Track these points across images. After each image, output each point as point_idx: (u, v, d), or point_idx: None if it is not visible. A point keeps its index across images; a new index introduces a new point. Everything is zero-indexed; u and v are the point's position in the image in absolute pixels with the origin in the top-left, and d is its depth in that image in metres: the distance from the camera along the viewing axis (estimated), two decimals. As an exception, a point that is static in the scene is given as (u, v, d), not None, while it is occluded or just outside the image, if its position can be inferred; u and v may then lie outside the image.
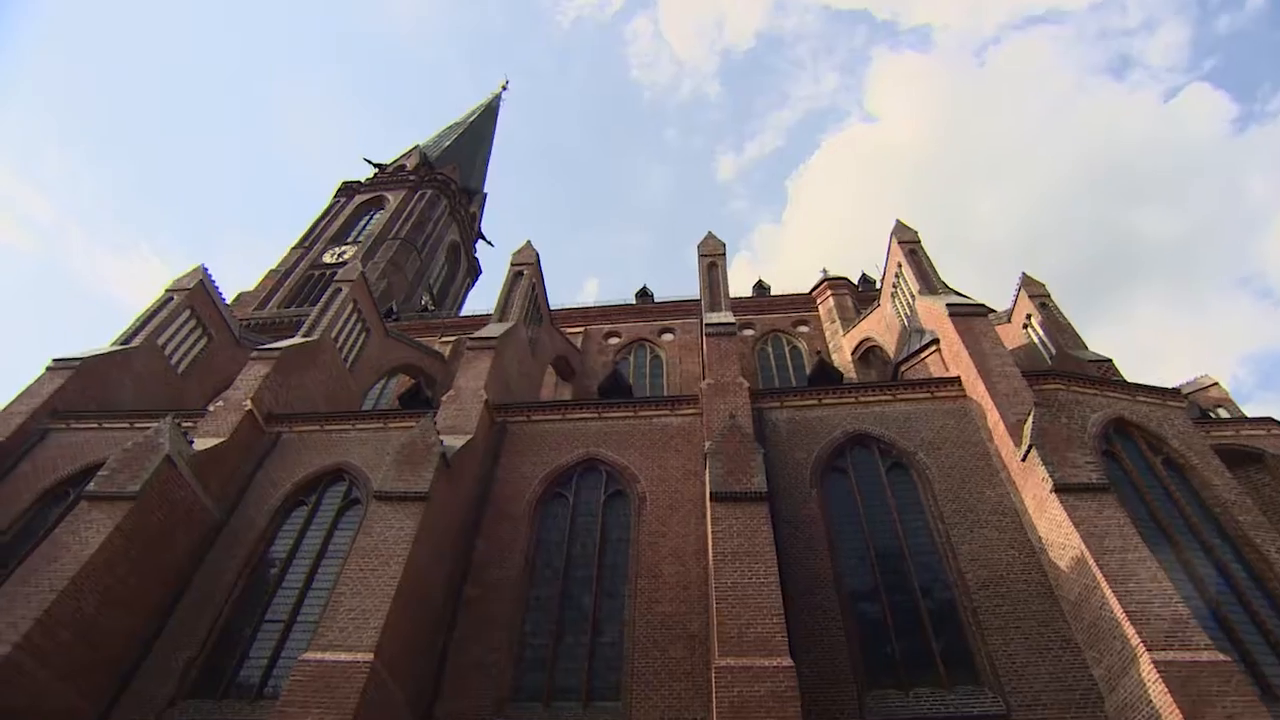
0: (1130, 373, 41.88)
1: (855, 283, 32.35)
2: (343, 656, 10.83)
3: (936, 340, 18.99)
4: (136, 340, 21.68)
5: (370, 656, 10.80)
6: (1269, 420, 19.24)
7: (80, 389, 19.55)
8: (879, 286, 27.25)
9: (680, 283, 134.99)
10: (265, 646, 13.47)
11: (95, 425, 18.84)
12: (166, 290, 23.94)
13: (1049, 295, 24.32)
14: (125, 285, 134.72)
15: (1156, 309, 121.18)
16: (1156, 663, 9.88)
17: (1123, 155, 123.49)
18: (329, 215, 48.05)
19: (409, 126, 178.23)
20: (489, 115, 71.08)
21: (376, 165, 55.49)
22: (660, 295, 34.08)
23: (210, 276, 25.13)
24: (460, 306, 54.12)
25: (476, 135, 66.22)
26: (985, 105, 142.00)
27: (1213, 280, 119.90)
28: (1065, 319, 23.53)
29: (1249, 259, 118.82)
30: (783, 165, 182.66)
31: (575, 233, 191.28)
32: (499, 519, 15.50)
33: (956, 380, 17.03)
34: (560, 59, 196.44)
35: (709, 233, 23.88)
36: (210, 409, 18.05)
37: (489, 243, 62.32)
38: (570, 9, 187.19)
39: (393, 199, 49.55)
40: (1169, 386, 16.86)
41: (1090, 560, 11.47)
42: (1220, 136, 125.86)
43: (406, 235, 45.37)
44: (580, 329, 32.07)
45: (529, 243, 25.14)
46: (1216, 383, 24.36)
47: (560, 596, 13.88)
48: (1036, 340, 23.37)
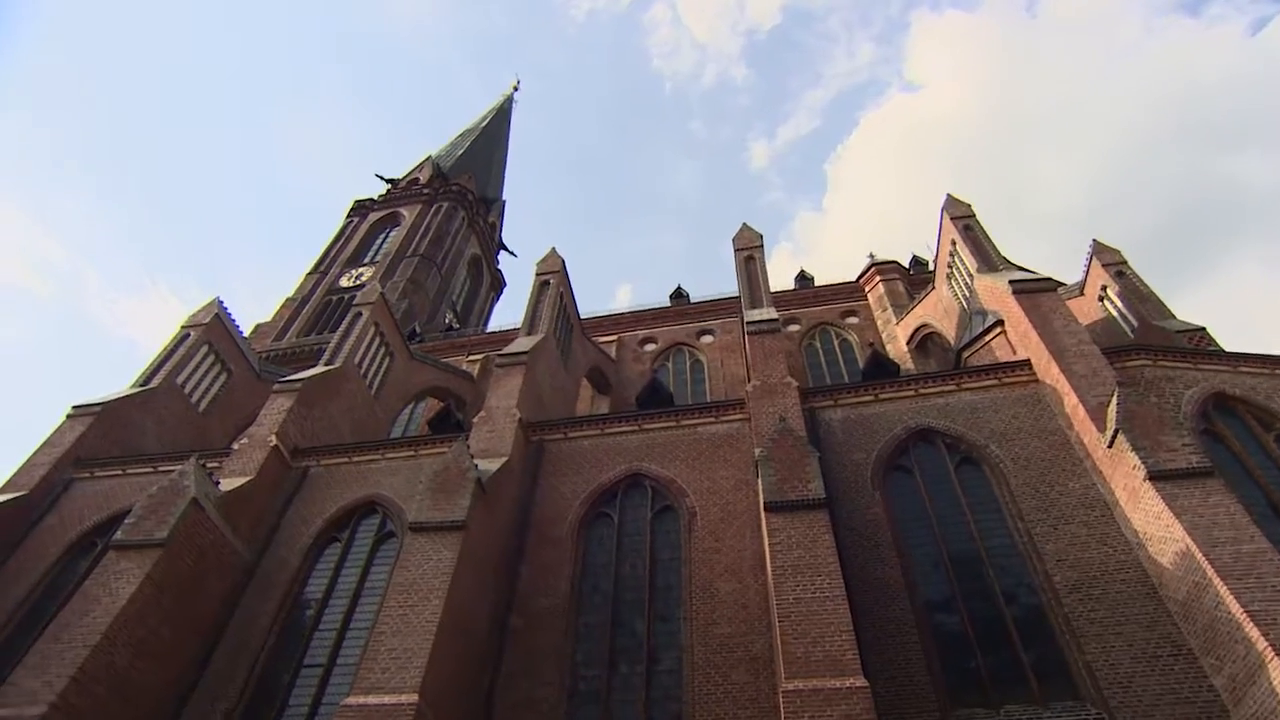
0: (1228, 342, 40.38)
1: (906, 266, 31.86)
2: (386, 700, 10.94)
3: (1001, 321, 18.58)
4: (155, 381, 22.39)
5: (415, 698, 10.89)
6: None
7: (102, 435, 20.25)
8: (932, 268, 26.78)
9: (718, 282, 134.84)
10: (305, 693, 13.68)
11: (119, 472, 19.49)
12: (182, 327, 24.69)
13: (1125, 262, 23.50)
14: (143, 326, 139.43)
15: (1256, 268, 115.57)
16: (1292, 669, 9.30)
17: (1205, 99, 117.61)
18: (343, 236, 49.11)
19: (419, 137, 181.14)
20: (501, 119, 72.00)
21: (388, 180, 56.55)
22: (696, 295, 34.12)
23: (226, 310, 25.85)
24: (486, 322, 54.79)
25: (490, 141, 67.09)
26: (1040, 60, 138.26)
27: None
28: (1146, 287, 22.68)
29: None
30: (820, 148, 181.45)
31: (602, 237, 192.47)
32: (541, 544, 15.57)
33: (1026, 364, 16.62)
34: (575, 55, 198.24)
35: (744, 224, 23.73)
36: (234, 447, 18.57)
37: (512, 253, 63.08)
38: (584, 2, 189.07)
39: (408, 214, 50.43)
40: (1278, 354, 15.97)
41: (1198, 554, 10.87)
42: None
43: (425, 251, 46.09)
44: (613, 337, 32.16)
45: (553, 250, 25.31)
46: (1333, 347, 23.24)
47: (611, 623, 13.85)
48: (1115, 313, 22.64)
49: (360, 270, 44.87)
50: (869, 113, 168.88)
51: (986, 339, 19.11)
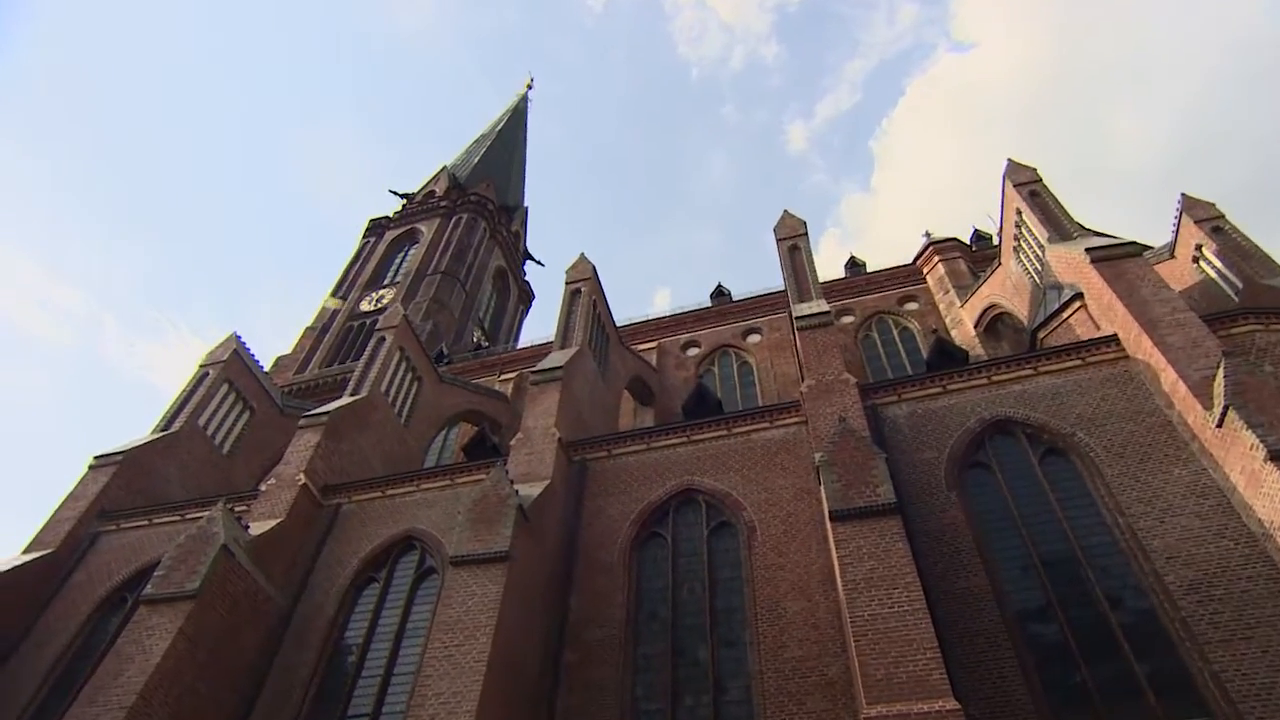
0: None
1: (967, 243, 31.26)
2: (437, 747, 11.01)
3: (1080, 295, 18.08)
4: (176, 424, 23.02)
5: (467, 744, 10.94)
6: None
7: (125, 484, 20.88)
8: (997, 242, 26.24)
9: (761, 277, 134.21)
10: (352, 745, 13.88)
11: (145, 522, 20.07)
12: (200, 366, 25.37)
13: (1222, 216, 22.35)
14: (164, 369, 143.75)
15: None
16: None
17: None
18: (360, 258, 50.04)
19: (434, 148, 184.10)
20: (517, 121, 72.79)
21: (403, 196, 57.49)
22: (739, 293, 33.91)
23: (244, 344, 26.49)
24: (516, 338, 55.29)
25: (507, 145, 67.81)
26: (1104, 2, 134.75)
27: None
28: (1249, 242, 21.51)
29: None
30: (863, 124, 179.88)
31: (634, 239, 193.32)
32: (591, 571, 15.61)
33: (1113, 339, 16.12)
34: (594, 48, 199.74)
35: (785, 212, 23.54)
36: (262, 488, 18.96)
37: (538, 262, 63.59)
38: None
39: (426, 230, 51.20)
40: None
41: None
42: None
43: (447, 268, 46.70)
44: (653, 344, 32.15)
45: (582, 256, 25.43)
46: None
47: (671, 652, 13.79)
48: (1214, 275, 21.63)
49: (381, 292, 45.62)
50: (915, 79, 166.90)
51: (1065, 315, 18.61)
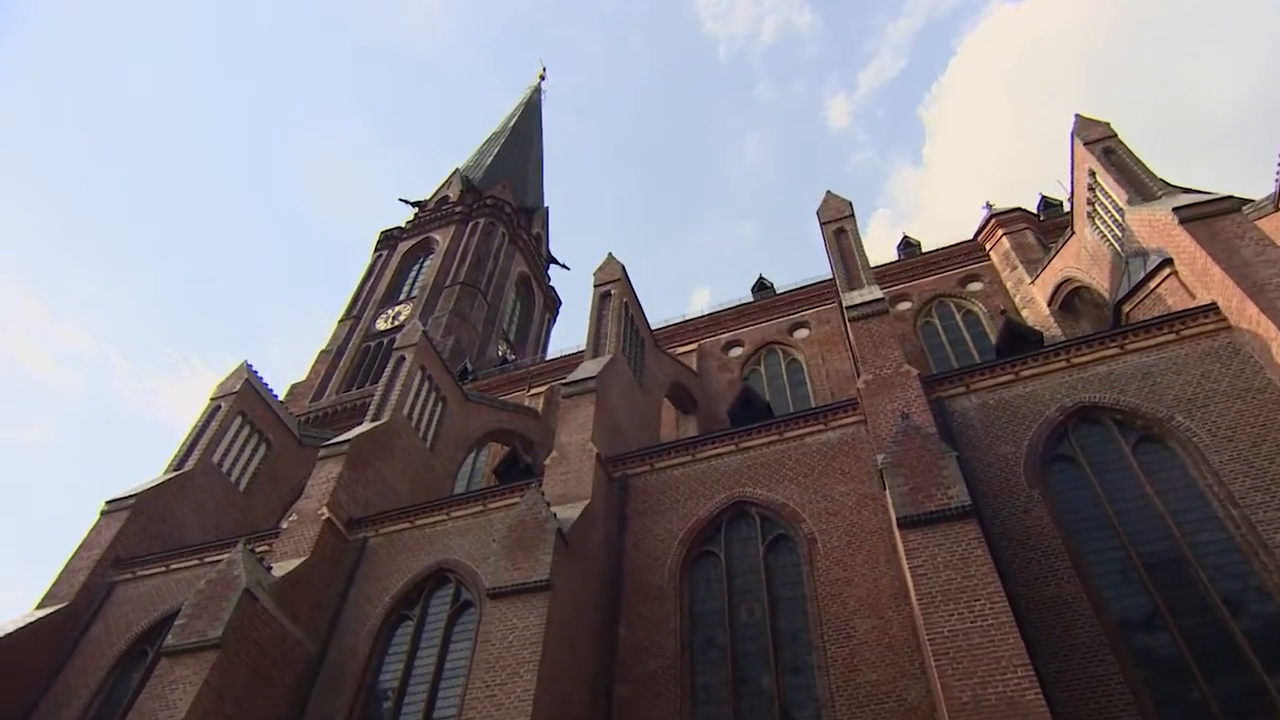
0: None
1: (1034, 212, 30.69)
2: (484, 797, 11.03)
3: (1169, 261, 17.58)
4: (190, 462, 23.47)
5: (516, 792, 10.95)
6: None
7: (140, 529, 21.34)
8: (1068, 209, 25.70)
9: (807, 266, 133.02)
10: (393, 797, 13.97)
11: (162, 568, 20.46)
12: (211, 399, 25.83)
13: (1335, 159, 21.66)
14: (178, 407, 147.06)
15: None
16: None
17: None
18: (374, 274, 50.70)
19: (445, 152, 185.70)
20: (530, 115, 73.31)
21: (414, 204, 58.12)
22: (782, 284, 33.82)
23: (256, 374, 26.93)
24: (545, 348, 55.54)
25: (522, 142, 68.32)
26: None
27: None
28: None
29: None
30: (910, 91, 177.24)
31: (666, 237, 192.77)
32: (640, 596, 15.59)
33: (1211, 308, 15.63)
34: (612, 32, 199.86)
35: (827, 193, 23.37)
36: (284, 525, 19.26)
37: (563, 266, 63.89)
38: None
39: (441, 239, 51.73)
40: None
41: None
42: None
43: (465, 278, 47.10)
44: (692, 346, 32.12)
45: (611, 256, 25.51)
46: None
47: (732, 681, 13.70)
48: (1329, 227, 20.96)
49: (397, 309, 46.14)
50: (967, 37, 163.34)
51: (1152, 285, 18.11)
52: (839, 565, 14.51)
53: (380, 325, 45.29)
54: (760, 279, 34.84)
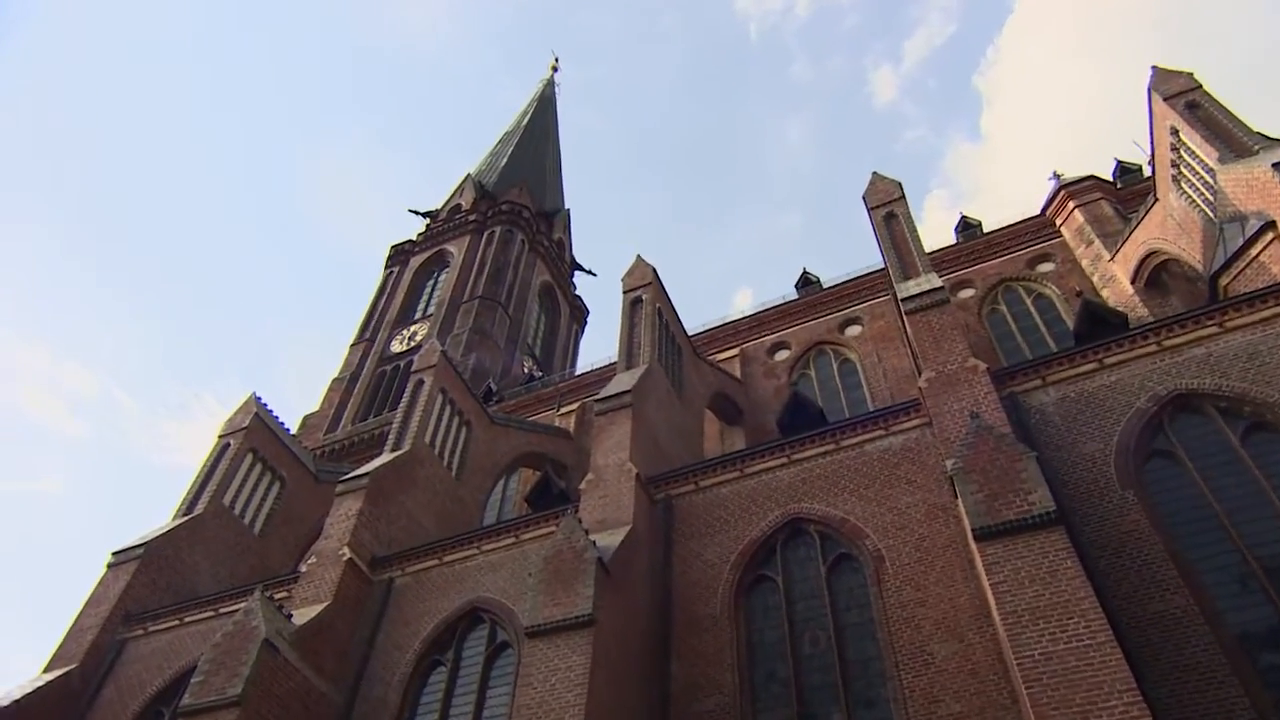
0: None
1: (1109, 179, 30.08)
2: None
3: (1271, 224, 17.17)
4: (199, 506, 23.77)
5: None
6: None
7: (149, 581, 21.65)
8: (1149, 173, 25.22)
9: (856, 256, 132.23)
10: None
11: (176, 621, 20.70)
12: (220, 436, 26.17)
13: None
14: (194, 450, 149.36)
15: None
16: None
17: None
18: (386, 292, 51.23)
19: (456, 158, 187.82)
20: (544, 111, 73.77)
21: (425, 215, 58.65)
22: (829, 278, 33.51)
23: (266, 406, 27.24)
24: (573, 363, 55.65)
25: (536, 140, 68.75)
26: None
27: None
28: None
29: None
30: (964, 57, 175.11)
31: (701, 235, 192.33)
32: (692, 628, 15.52)
33: (1325, 276, 15.29)
34: (633, 18, 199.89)
35: (874, 174, 23.22)
36: (302, 569, 19.41)
37: (589, 272, 64.15)
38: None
39: (456, 250, 52.14)
40: None
41: None
42: None
43: (484, 292, 47.40)
44: (734, 351, 31.99)
45: (640, 259, 25.54)
46: None
47: (798, 718, 13.58)
48: None
49: (412, 329, 46.54)
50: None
51: (1253, 253, 17.66)
52: (910, 585, 14.31)
53: (396, 347, 45.72)
54: (804, 274, 34.57)
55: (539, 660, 13.36)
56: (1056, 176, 30.14)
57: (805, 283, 34.23)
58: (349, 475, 21.62)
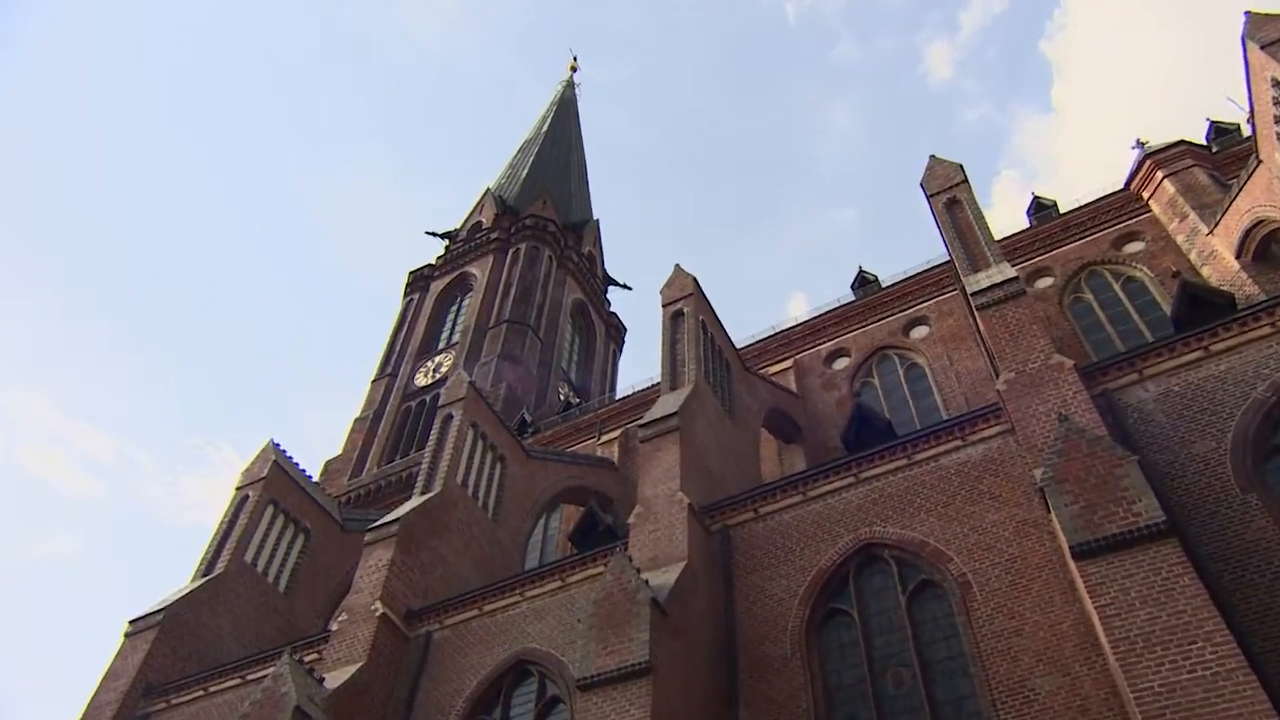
0: None
1: (1202, 143, 29.45)
2: None
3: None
4: (219, 566, 23.97)
5: None
6: None
7: (170, 649, 21.81)
8: (1248, 133, 24.63)
9: (920, 251, 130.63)
10: None
11: (200, 691, 20.83)
12: (237, 489, 26.42)
13: None
14: (214, 505, 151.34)
15: None
16: None
17: None
18: (406, 322, 51.76)
19: (473, 173, 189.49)
20: (565, 115, 74.36)
21: (444, 236, 59.27)
22: (888, 276, 33.21)
23: (285, 453, 27.47)
24: (613, 386, 55.75)
25: (558, 147, 69.26)
26: None
27: None
28: None
29: None
30: (1027, 24, 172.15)
31: (746, 239, 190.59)
32: (760, 671, 15.35)
33: None
34: (659, 10, 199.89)
35: (931, 159, 22.98)
36: (333, 627, 19.51)
37: (624, 286, 64.39)
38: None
39: (479, 272, 52.57)
40: None
41: None
42: None
43: (512, 315, 47.68)
44: (787, 363, 31.85)
45: (679, 269, 25.54)
46: None
47: (887, 768, 13.40)
48: None
49: (437, 359, 46.92)
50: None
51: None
52: (1004, 612, 14.00)
53: (420, 381, 46.11)
54: (861, 272, 34.35)
55: (594, 715, 13.32)
56: (1140, 145, 29.56)
57: (862, 282, 34.00)
58: (377, 523, 21.69)
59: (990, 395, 18.05)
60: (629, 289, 64.99)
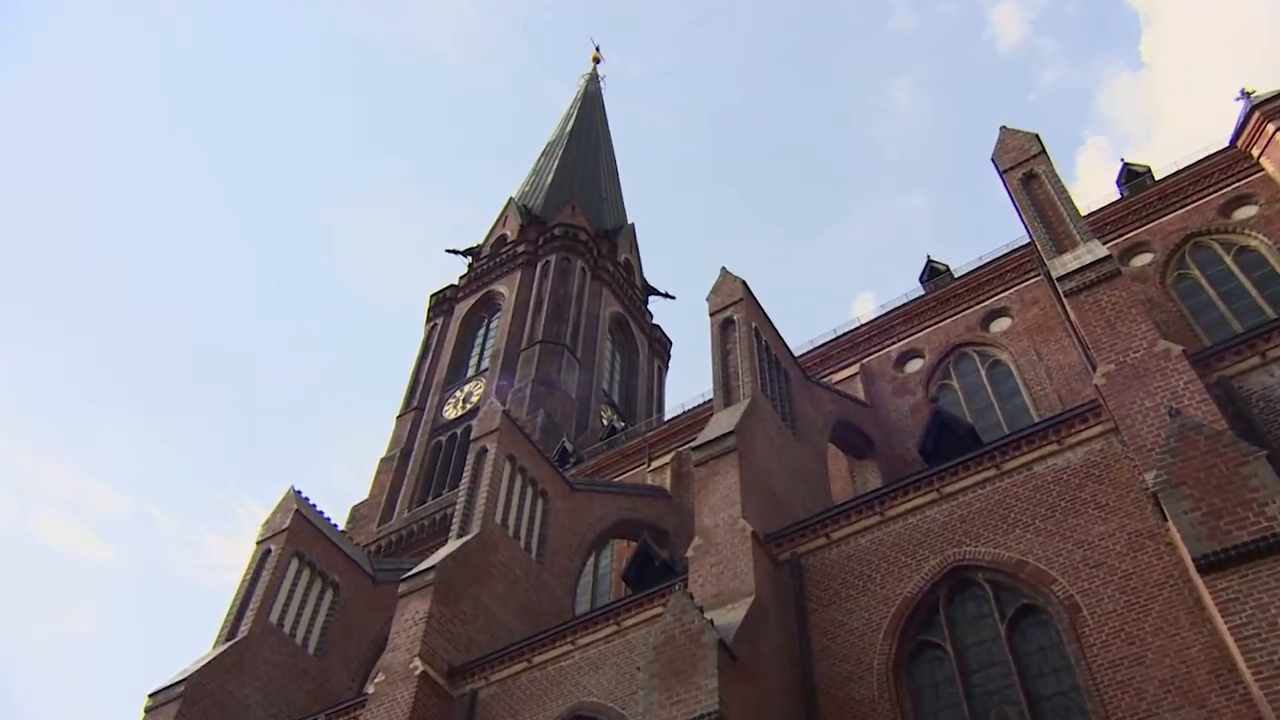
0: None
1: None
2: None
3: None
4: (243, 629, 24.06)
5: None
6: None
7: (196, 722, 21.86)
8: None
9: (999, 234, 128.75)
10: None
11: (231, 768, 20.83)
12: (258, 543, 26.60)
13: None
14: (239, 564, 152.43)
15: None
16: None
17: None
18: (431, 350, 52.14)
19: (496, 184, 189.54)
20: (590, 111, 74.82)
21: (466, 253, 59.73)
22: (961, 265, 32.93)
23: (308, 501, 27.69)
24: (660, 406, 55.59)
25: (585, 147, 69.67)
26: None
27: None
28: None
29: None
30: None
31: (800, 238, 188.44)
32: (843, 716, 15.27)
33: None
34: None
35: (1002, 130, 22.73)
36: (369, 690, 19.58)
37: (666, 295, 64.34)
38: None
39: (507, 290, 52.87)
40: None
41: None
42: None
43: (545, 335, 47.88)
44: (853, 369, 31.67)
45: (725, 272, 25.50)
46: None
47: (999, 821, 13.16)
48: None
49: (466, 389, 47.20)
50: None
51: None
52: (1121, 638, 13.64)
53: (449, 413, 46.41)
54: (930, 263, 34.09)
55: (664, 775, 13.20)
56: (1246, 95, 28.87)
57: (932, 273, 33.77)
58: (411, 572, 21.75)
59: (1087, 392, 17.75)
60: (672, 298, 64.95)
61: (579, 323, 50.54)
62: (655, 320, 61.56)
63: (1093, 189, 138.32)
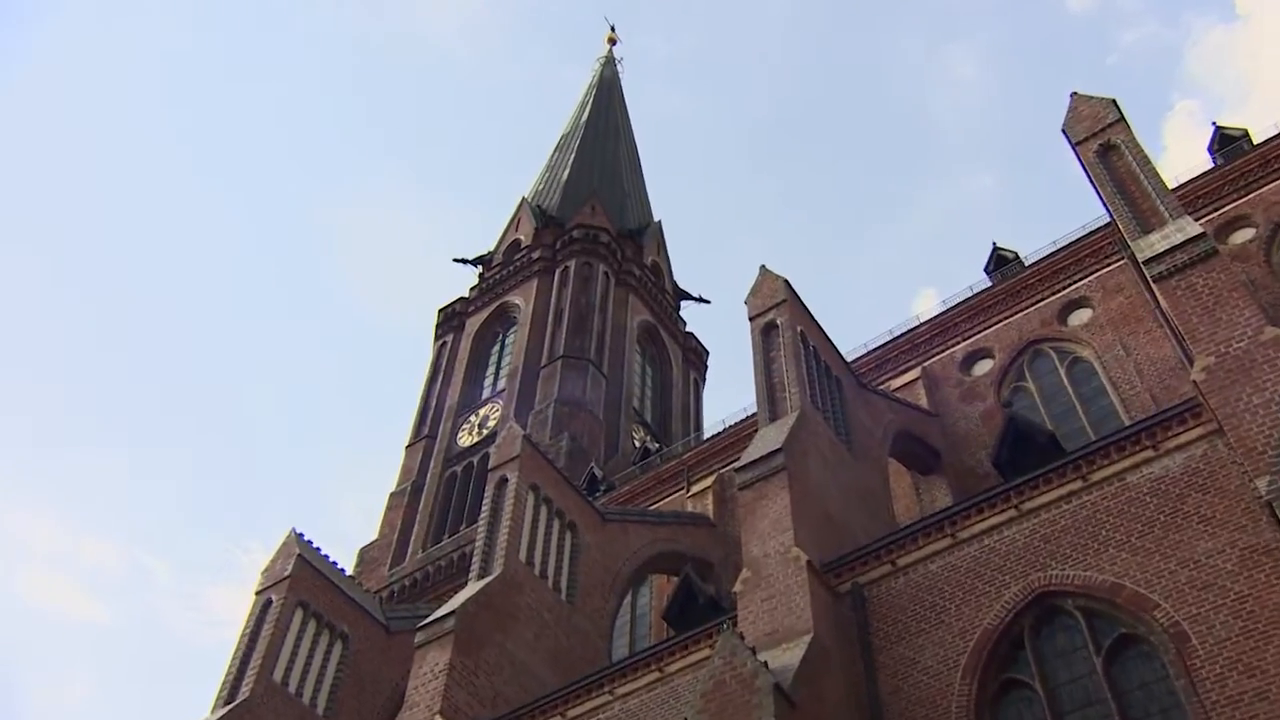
0: None
1: None
2: None
3: None
4: (244, 690, 24.01)
5: None
6: None
7: (192, 796, 21.84)
8: None
9: (1076, 215, 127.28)
10: None
11: None
12: (258, 592, 26.61)
13: None
14: (239, 616, 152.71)
15: None
16: None
17: None
18: (440, 372, 52.32)
19: (508, 185, 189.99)
20: (607, 99, 74.96)
21: (476, 261, 59.86)
22: (1031, 252, 32.77)
23: (311, 544, 27.73)
24: (698, 423, 55.33)
25: (603, 139, 69.87)
26: None
27: None
28: None
29: None
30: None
31: (851, 231, 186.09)
32: (923, 769, 15.07)
33: None
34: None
35: (1073, 96, 22.57)
36: (386, 754, 19.36)
37: (699, 300, 64.24)
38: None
39: (522, 301, 52.97)
40: None
41: None
42: None
43: (567, 349, 47.94)
44: (913, 373, 31.50)
45: (765, 271, 25.43)
46: None
47: None
48: None
49: (481, 412, 47.31)
50: None
51: None
52: (1239, 670, 13.30)
53: (464, 440, 46.50)
54: (996, 250, 33.98)
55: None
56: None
57: (999, 262, 33.64)
58: (428, 619, 21.77)
59: (1185, 389, 17.60)
60: (707, 302, 64.94)
61: (604, 334, 50.49)
62: (689, 328, 61.64)
63: (1182, 160, 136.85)
